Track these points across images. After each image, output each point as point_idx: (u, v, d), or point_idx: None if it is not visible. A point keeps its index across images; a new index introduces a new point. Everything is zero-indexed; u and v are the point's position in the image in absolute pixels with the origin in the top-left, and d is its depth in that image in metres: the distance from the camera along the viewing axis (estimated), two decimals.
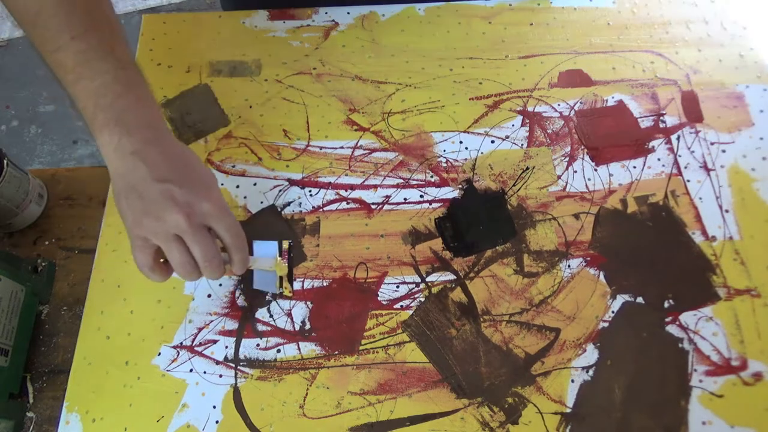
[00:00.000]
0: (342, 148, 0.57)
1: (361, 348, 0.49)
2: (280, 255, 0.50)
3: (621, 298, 0.51)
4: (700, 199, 0.55)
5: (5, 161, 0.52)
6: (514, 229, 0.54)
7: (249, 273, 0.51)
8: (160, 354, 0.49)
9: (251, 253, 0.50)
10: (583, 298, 0.51)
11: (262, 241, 0.51)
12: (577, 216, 0.54)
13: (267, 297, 0.51)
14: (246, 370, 0.48)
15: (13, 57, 1.67)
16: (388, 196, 0.55)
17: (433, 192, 0.55)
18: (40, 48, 0.43)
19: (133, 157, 0.41)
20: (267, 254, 0.50)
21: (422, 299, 0.51)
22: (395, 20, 0.65)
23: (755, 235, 0.53)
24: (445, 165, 0.57)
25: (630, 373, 0.48)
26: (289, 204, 0.55)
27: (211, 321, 0.50)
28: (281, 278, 0.50)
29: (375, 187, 0.56)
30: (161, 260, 0.44)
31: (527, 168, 0.57)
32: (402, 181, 0.56)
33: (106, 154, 0.42)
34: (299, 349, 0.49)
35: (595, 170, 0.56)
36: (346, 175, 0.56)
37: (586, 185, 0.56)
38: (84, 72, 0.42)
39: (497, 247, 0.53)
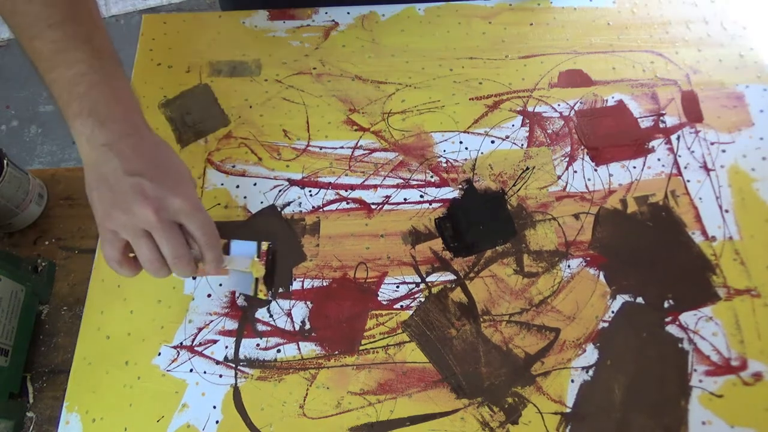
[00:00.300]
0: (342, 148, 0.57)
1: (361, 348, 0.49)
2: (258, 256, 0.50)
3: (621, 298, 0.51)
4: (700, 199, 0.55)
5: (5, 161, 0.52)
6: (514, 229, 0.54)
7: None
8: (160, 354, 0.49)
9: (228, 252, 0.49)
10: (583, 298, 0.51)
11: (240, 240, 0.50)
12: (577, 216, 0.54)
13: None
14: (246, 370, 0.48)
15: (13, 57, 1.67)
16: (388, 196, 0.55)
17: (433, 192, 0.55)
18: (18, 36, 0.43)
19: (105, 149, 0.40)
20: (244, 254, 0.49)
21: (422, 299, 0.51)
22: (395, 20, 0.65)
23: (755, 235, 0.53)
24: (445, 165, 0.57)
25: (630, 373, 0.48)
26: (289, 204, 0.55)
27: (211, 321, 0.50)
28: (257, 280, 0.49)
29: (375, 187, 0.56)
30: (131, 255, 0.43)
31: (527, 168, 0.56)
32: (402, 181, 0.56)
33: (79, 145, 0.41)
34: (299, 349, 0.49)
35: (595, 170, 0.56)
36: (346, 175, 0.56)
37: (586, 185, 0.56)
38: (59, 61, 0.41)
39: (497, 247, 0.53)
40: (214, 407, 0.47)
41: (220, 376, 0.48)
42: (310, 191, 0.56)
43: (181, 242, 0.41)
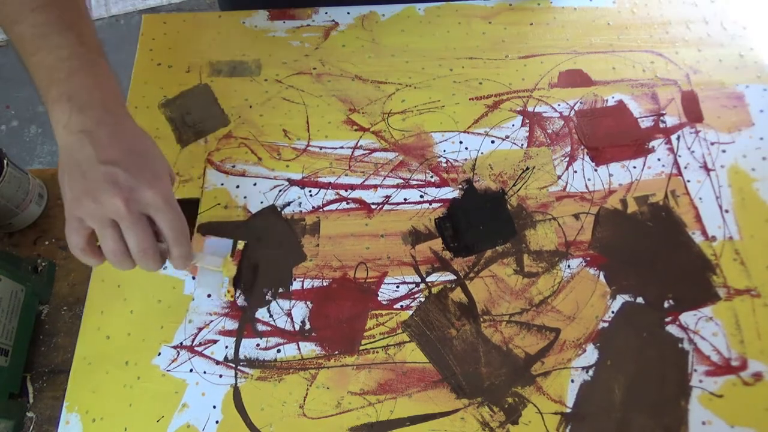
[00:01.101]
0: (342, 148, 0.57)
1: (361, 348, 0.49)
2: (233, 255, 0.49)
3: (621, 298, 0.51)
4: (700, 199, 0.55)
5: (5, 161, 0.52)
6: (514, 229, 0.54)
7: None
8: (160, 354, 0.49)
9: (203, 249, 0.48)
10: (583, 298, 0.51)
11: (216, 238, 0.49)
12: (577, 216, 0.54)
13: (267, 297, 0.51)
14: (246, 370, 0.48)
15: (13, 57, 1.67)
16: (388, 196, 0.55)
17: (433, 192, 0.55)
18: (2, 22, 0.43)
19: (81, 135, 0.40)
20: (217, 253, 0.48)
21: (422, 299, 0.51)
22: (395, 20, 0.65)
23: (755, 235, 0.53)
24: (445, 165, 0.57)
25: (630, 373, 0.48)
26: (289, 204, 0.55)
27: (211, 321, 0.50)
28: (228, 280, 0.49)
29: (375, 187, 0.56)
30: (97, 243, 0.42)
31: (527, 168, 0.56)
32: (402, 181, 0.56)
33: (55, 130, 0.41)
34: (299, 349, 0.49)
35: (595, 170, 0.56)
36: (346, 175, 0.56)
37: (586, 185, 0.56)
38: (41, 45, 0.41)
39: (497, 247, 0.53)
40: (214, 407, 0.47)
41: (220, 376, 0.48)
42: (310, 191, 0.56)
43: (147, 235, 0.40)
